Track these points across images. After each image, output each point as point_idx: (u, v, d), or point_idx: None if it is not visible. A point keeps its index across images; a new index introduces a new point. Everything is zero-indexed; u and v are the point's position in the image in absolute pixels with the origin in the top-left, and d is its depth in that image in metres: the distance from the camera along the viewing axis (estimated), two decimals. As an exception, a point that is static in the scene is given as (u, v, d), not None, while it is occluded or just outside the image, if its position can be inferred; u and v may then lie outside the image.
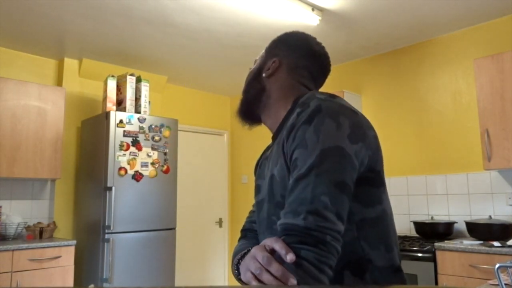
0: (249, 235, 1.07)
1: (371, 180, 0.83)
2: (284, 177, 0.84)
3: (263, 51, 1.09)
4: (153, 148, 3.62)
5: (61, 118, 3.56)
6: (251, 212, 1.13)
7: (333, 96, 0.89)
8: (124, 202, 3.39)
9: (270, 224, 0.91)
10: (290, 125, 0.84)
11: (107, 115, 3.44)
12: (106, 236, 3.27)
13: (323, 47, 1.06)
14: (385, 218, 0.86)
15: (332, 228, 0.71)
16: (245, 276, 0.73)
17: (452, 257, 2.66)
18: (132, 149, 3.49)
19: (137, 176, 3.49)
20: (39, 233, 3.40)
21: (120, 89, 3.69)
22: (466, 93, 3.28)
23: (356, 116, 0.83)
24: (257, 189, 1.01)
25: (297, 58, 1.02)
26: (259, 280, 0.69)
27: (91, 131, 3.69)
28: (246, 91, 1.07)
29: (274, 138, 0.99)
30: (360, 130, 0.81)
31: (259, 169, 1.04)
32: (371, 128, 0.86)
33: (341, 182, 0.74)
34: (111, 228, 3.28)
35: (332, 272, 0.71)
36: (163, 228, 3.63)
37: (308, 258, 0.68)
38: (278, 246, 0.70)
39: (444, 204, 3.31)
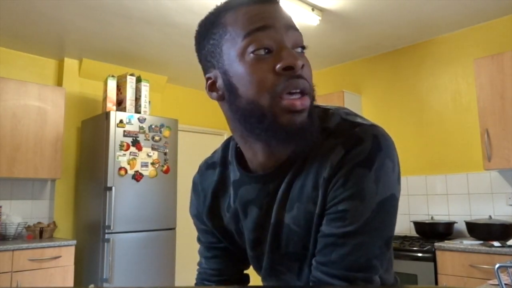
0: None
1: None
2: (310, 229, 0.72)
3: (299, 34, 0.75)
4: (153, 148, 3.62)
5: (61, 118, 3.56)
6: (203, 268, 0.95)
7: (360, 115, 0.75)
8: (124, 202, 3.39)
9: (275, 273, 0.82)
10: (338, 162, 0.67)
11: (107, 115, 3.44)
12: (106, 236, 3.27)
13: None
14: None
15: (377, 285, 0.68)
16: None
17: (452, 257, 2.66)
18: (132, 149, 3.49)
19: (137, 176, 3.49)
20: (39, 233, 3.40)
21: (120, 89, 3.69)
22: (466, 93, 3.28)
23: (393, 141, 0.71)
24: (255, 243, 0.81)
25: None
26: None
27: (91, 131, 3.69)
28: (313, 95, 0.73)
29: (271, 174, 0.76)
30: (399, 161, 0.71)
31: (230, 217, 0.84)
32: None
33: (389, 238, 0.68)
34: (111, 228, 3.28)
35: None
36: (163, 228, 3.63)
37: None
38: None
39: (444, 204, 3.31)
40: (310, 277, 0.70)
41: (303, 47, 0.72)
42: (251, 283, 0.95)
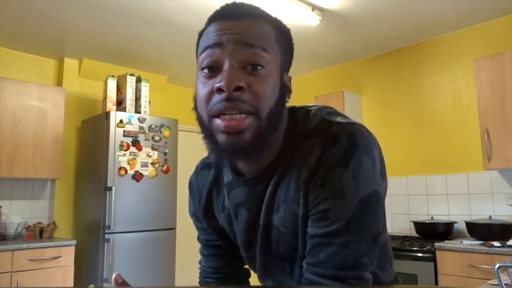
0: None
1: None
2: (296, 230, 0.72)
3: (272, 40, 0.71)
4: (153, 148, 3.62)
5: (61, 118, 3.56)
6: (203, 266, 0.96)
7: (342, 114, 0.75)
8: (124, 202, 3.39)
9: (269, 273, 0.83)
10: (316, 162, 0.68)
11: (107, 115, 3.44)
12: (106, 236, 3.27)
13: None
14: (388, 238, 0.83)
15: (370, 282, 0.69)
16: None
17: (452, 257, 2.66)
18: (132, 149, 3.49)
19: (137, 176, 3.49)
20: (39, 233, 3.40)
21: (120, 89, 3.69)
22: (466, 93, 3.28)
23: (375, 138, 0.71)
24: (247, 244, 0.82)
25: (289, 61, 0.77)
26: None
27: (91, 131, 3.69)
28: (272, 124, 0.69)
29: (258, 177, 0.76)
30: (383, 157, 0.71)
31: (224, 218, 0.85)
32: None
33: (377, 234, 0.68)
34: (111, 228, 3.28)
35: None
36: (163, 228, 3.63)
37: None
38: None
39: (444, 204, 3.31)
40: (302, 279, 0.71)
41: (256, 65, 0.67)
42: (253, 282, 0.96)
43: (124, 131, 3.46)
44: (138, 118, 3.56)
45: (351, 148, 0.66)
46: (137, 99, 3.71)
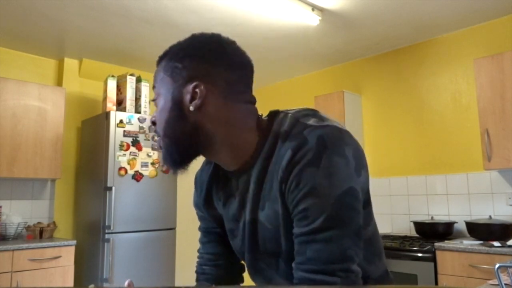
0: (201, 278, 1.01)
1: (365, 201, 0.79)
2: (279, 226, 0.76)
3: (162, 75, 0.81)
4: (153, 148, 3.63)
5: (61, 118, 3.56)
6: (201, 253, 1.02)
7: (317, 114, 0.79)
8: (124, 202, 3.39)
9: (259, 270, 0.86)
10: (287, 165, 0.72)
11: (107, 115, 3.44)
12: (106, 236, 3.27)
13: (233, 42, 0.85)
14: (376, 233, 0.85)
15: (359, 276, 0.71)
16: None
17: (452, 257, 2.66)
18: (132, 149, 3.49)
19: (137, 176, 3.49)
20: (39, 233, 3.40)
21: (120, 89, 3.69)
22: (466, 93, 3.28)
23: (352, 138, 0.76)
24: (231, 234, 0.89)
25: (223, 71, 0.79)
26: None
27: (91, 131, 3.69)
28: (171, 137, 0.80)
29: (238, 172, 0.83)
30: (359, 154, 0.75)
31: (223, 208, 0.91)
32: (358, 142, 0.79)
33: (358, 228, 0.71)
34: (111, 228, 3.28)
35: None
36: (163, 228, 3.63)
37: None
38: None
39: (444, 204, 3.31)
40: (294, 280, 0.73)
41: (153, 99, 0.85)
42: (247, 281, 0.98)
43: (124, 131, 3.46)
44: (138, 118, 3.56)
45: (321, 149, 0.70)
46: (137, 99, 3.71)
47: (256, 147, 0.80)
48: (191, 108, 0.77)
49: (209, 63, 0.79)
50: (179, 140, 0.80)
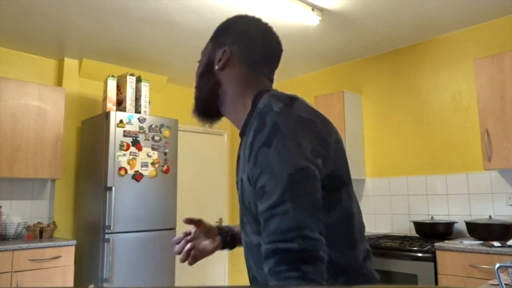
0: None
1: (330, 186, 0.83)
2: (250, 191, 0.84)
3: (208, 42, 1.03)
4: (153, 148, 3.62)
5: (61, 118, 3.56)
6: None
7: (290, 103, 0.85)
8: (124, 202, 3.39)
9: (242, 225, 0.94)
10: (250, 143, 0.82)
11: (107, 115, 3.44)
12: (106, 236, 3.27)
13: (270, 28, 1.00)
14: (345, 218, 0.87)
15: (321, 244, 0.74)
16: None
17: (452, 257, 2.66)
18: (132, 149, 3.49)
19: (137, 176, 3.49)
20: (39, 233, 3.40)
21: (120, 89, 3.69)
22: (466, 93, 3.28)
23: (315, 125, 0.83)
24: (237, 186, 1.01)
25: (248, 45, 0.96)
26: None
27: (91, 131, 3.69)
28: (199, 88, 1.01)
29: (241, 135, 0.95)
30: (321, 140, 0.82)
31: (237, 164, 1.01)
32: (332, 132, 0.86)
33: (314, 201, 0.76)
34: (111, 228, 3.28)
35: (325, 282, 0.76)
36: (163, 228, 3.63)
37: (309, 272, 0.71)
38: None
39: (444, 204, 3.31)
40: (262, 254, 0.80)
41: (198, 61, 1.05)
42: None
43: (124, 131, 3.46)
44: (138, 118, 3.57)
45: (273, 133, 0.78)
46: (137, 99, 3.71)
47: (246, 118, 0.92)
48: (217, 67, 0.96)
49: (238, 37, 0.96)
50: (203, 91, 0.99)
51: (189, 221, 1.10)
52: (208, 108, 1.00)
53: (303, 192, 0.75)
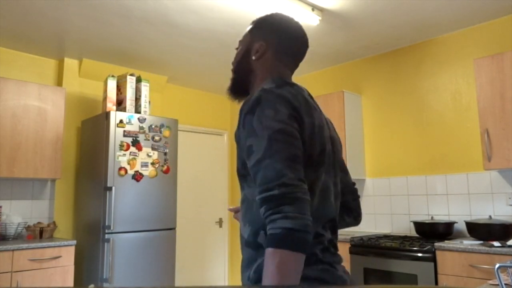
0: None
1: (315, 161, 0.99)
2: (241, 148, 1.02)
3: (247, 31, 1.20)
4: (153, 148, 3.62)
5: (61, 118, 3.56)
6: None
7: (280, 85, 1.02)
8: (124, 202, 3.39)
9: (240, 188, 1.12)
10: (240, 110, 1.00)
11: (107, 115, 3.44)
12: (106, 236, 3.27)
13: (300, 26, 1.18)
14: (318, 200, 1.00)
15: (299, 187, 0.88)
16: None
17: (452, 257, 2.67)
18: (132, 149, 3.49)
19: (137, 176, 3.49)
20: (39, 233, 3.40)
21: (120, 89, 3.69)
22: (466, 93, 3.28)
23: (292, 102, 0.98)
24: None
25: (282, 41, 1.14)
26: None
27: (91, 131, 3.69)
28: (236, 71, 1.19)
29: None
30: (297, 113, 0.97)
31: None
32: (310, 116, 1.00)
33: (293, 155, 0.91)
34: (111, 228, 3.28)
35: (310, 217, 0.88)
36: (163, 228, 3.63)
37: (289, 211, 0.85)
38: None
39: (444, 204, 3.31)
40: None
41: (236, 48, 1.24)
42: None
43: (124, 131, 3.46)
44: (138, 118, 3.57)
45: (255, 104, 0.96)
46: (137, 99, 3.71)
47: None
48: (253, 57, 1.15)
49: (273, 33, 1.14)
50: (239, 75, 1.18)
51: (234, 209, 1.32)
52: (240, 89, 1.19)
53: (280, 149, 0.90)
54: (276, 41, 1.14)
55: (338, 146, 1.16)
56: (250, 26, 1.20)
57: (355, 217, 1.24)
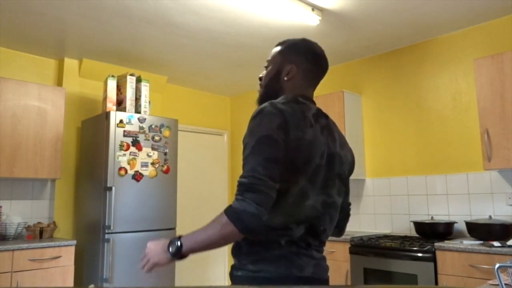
0: None
1: (292, 167, 1.16)
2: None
3: (277, 53, 1.36)
4: (153, 148, 3.62)
5: (61, 118, 3.56)
6: None
7: (285, 102, 1.22)
8: (124, 202, 3.39)
9: None
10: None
11: (107, 115, 3.44)
12: (106, 236, 3.27)
13: (323, 51, 1.36)
14: (295, 199, 1.16)
15: (265, 182, 1.08)
16: None
17: (452, 257, 2.67)
18: (132, 149, 3.49)
19: (137, 176, 3.49)
20: (39, 233, 3.40)
21: (120, 89, 3.69)
22: (466, 93, 3.28)
23: (285, 116, 1.16)
24: None
25: (309, 65, 1.32)
26: None
27: (91, 131, 3.69)
28: (266, 87, 1.36)
29: None
30: (286, 126, 1.15)
31: None
32: (301, 131, 1.16)
33: (270, 157, 1.10)
34: (111, 228, 3.28)
35: (267, 211, 1.08)
36: (163, 228, 3.63)
37: (248, 198, 1.06)
38: None
39: (444, 204, 3.31)
40: None
41: (265, 66, 1.41)
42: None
43: (124, 131, 3.46)
44: (138, 118, 3.57)
45: (256, 113, 1.17)
46: (137, 99, 3.71)
47: None
48: (285, 78, 1.32)
49: (302, 58, 1.32)
50: (269, 92, 1.34)
51: None
52: (268, 101, 1.34)
53: (262, 150, 1.10)
54: (304, 66, 1.32)
55: (338, 163, 1.29)
56: (281, 48, 1.36)
57: (339, 231, 1.45)
